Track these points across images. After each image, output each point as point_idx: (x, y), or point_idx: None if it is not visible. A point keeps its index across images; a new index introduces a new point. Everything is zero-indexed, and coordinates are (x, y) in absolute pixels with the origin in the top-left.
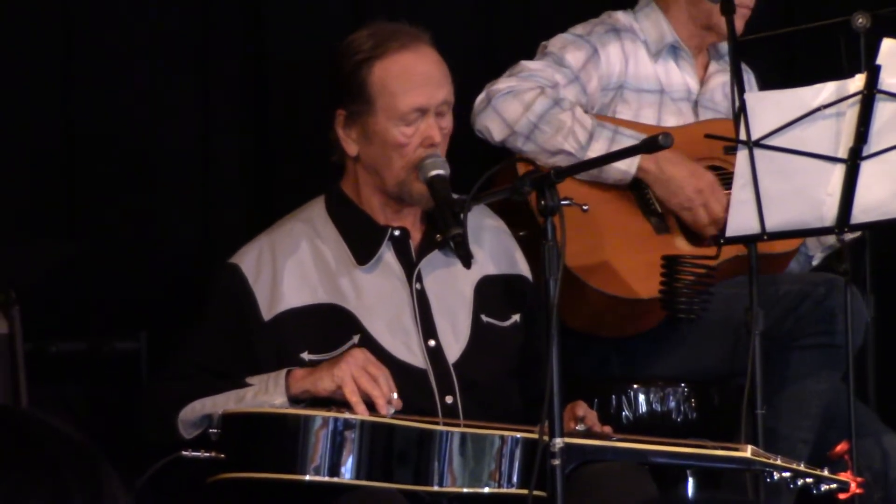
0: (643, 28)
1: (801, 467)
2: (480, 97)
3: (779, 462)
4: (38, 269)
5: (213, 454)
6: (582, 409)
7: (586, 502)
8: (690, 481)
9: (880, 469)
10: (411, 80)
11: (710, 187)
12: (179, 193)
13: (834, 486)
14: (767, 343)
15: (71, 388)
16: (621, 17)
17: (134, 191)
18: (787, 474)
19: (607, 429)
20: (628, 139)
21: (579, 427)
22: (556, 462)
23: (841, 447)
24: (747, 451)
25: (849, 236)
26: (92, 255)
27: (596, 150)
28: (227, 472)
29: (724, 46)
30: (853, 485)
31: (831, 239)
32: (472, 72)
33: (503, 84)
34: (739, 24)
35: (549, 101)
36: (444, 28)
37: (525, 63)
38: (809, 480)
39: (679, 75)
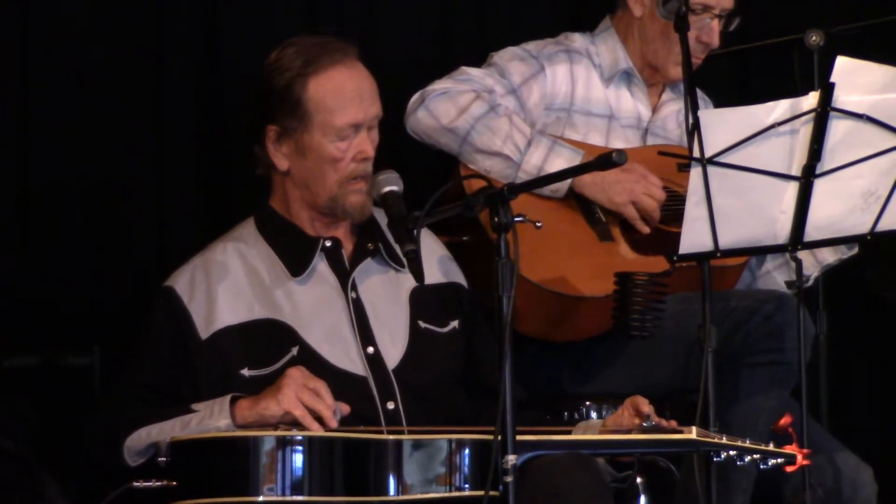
0: (599, 52)
1: (747, 444)
2: (415, 97)
3: (724, 441)
4: None
5: (164, 482)
6: (646, 406)
7: (537, 493)
8: (642, 498)
9: (833, 486)
10: (346, 96)
11: (644, 176)
12: (133, 208)
13: (780, 459)
14: (717, 359)
15: (24, 403)
16: (578, 39)
17: (87, 205)
18: (733, 452)
19: (673, 423)
20: (567, 150)
21: (646, 424)
22: (509, 479)
23: (784, 421)
24: (692, 433)
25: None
26: (45, 270)
27: (535, 156)
28: (179, 499)
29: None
30: (799, 457)
31: (830, 258)
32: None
33: (439, 85)
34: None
35: (485, 105)
36: (400, 43)
37: (465, 68)
38: (756, 456)
39: (630, 102)
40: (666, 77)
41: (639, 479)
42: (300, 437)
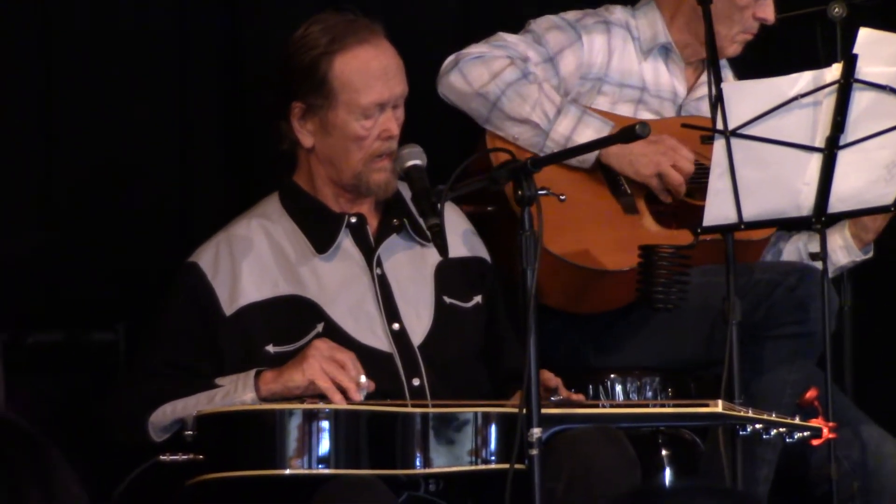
0: (639, 25)
1: (773, 417)
2: (449, 59)
3: (750, 414)
4: (15, 259)
5: (191, 456)
6: (553, 380)
7: (564, 466)
8: (667, 470)
9: (858, 459)
10: (372, 74)
11: (673, 147)
12: (158, 184)
13: (807, 433)
14: (741, 332)
15: (48, 380)
16: (619, 12)
17: (112, 181)
18: (759, 426)
19: (580, 396)
20: (596, 120)
21: (553, 398)
22: (534, 452)
23: (810, 394)
24: (718, 406)
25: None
26: (70, 246)
27: (564, 125)
28: (206, 472)
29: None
30: (825, 430)
31: (843, 260)
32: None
33: (474, 49)
34: (738, 48)
35: (518, 71)
36: (422, 19)
37: (502, 34)
38: (782, 430)
39: (667, 77)
40: (722, 54)
41: (664, 452)
42: (327, 410)
